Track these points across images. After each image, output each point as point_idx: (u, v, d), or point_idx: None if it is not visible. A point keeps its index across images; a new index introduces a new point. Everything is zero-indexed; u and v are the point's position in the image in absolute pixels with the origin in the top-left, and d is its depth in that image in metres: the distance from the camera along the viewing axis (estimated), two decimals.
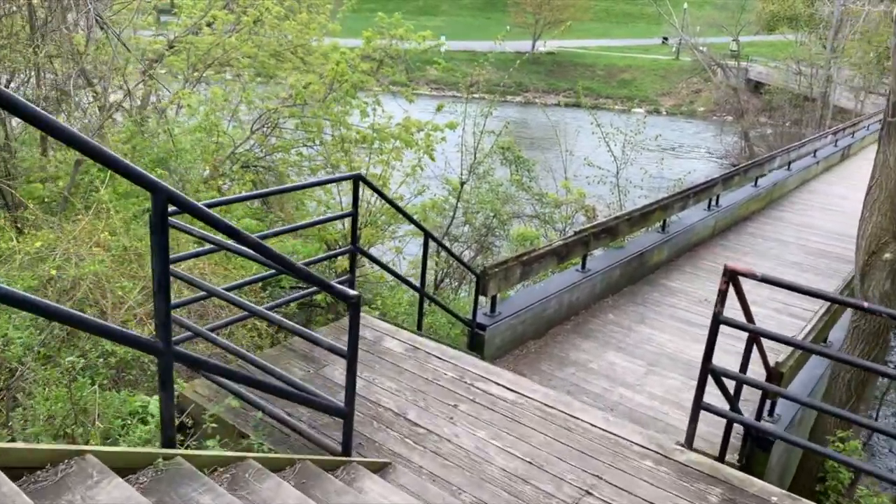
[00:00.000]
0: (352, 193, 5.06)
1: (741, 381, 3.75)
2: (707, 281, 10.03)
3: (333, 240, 7.54)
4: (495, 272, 6.99)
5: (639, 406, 6.70)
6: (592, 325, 8.38)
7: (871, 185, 5.47)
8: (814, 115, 35.38)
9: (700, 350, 8.22)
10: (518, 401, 4.38)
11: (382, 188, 8.67)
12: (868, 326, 5.51)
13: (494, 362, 7.23)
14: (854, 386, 5.75)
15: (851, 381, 5.74)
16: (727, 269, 3.61)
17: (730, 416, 3.91)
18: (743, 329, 3.85)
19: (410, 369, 4.65)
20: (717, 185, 11.83)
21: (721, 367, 3.92)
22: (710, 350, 3.79)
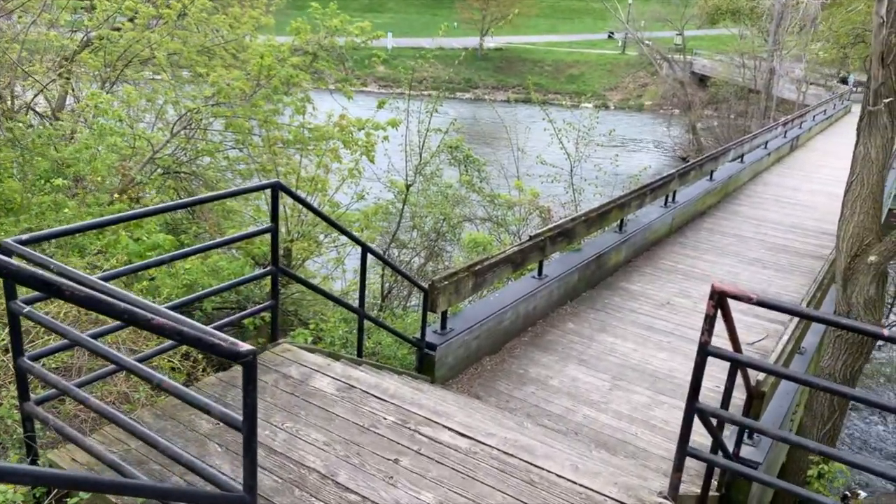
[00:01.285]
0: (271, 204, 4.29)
1: (731, 421, 3.14)
2: (667, 282, 9.57)
3: (263, 255, 6.73)
4: (444, 286, 6.30)
5: (605, 427, 6.12)
6: (551, 336, 7.78)
7: (850, 181, 4.98)
8: (759, 107, 35.85)
9: (665, 360, 7.78)
10: (472, 449, 3.69)
11: (319, 194, 7.91)
12: (852, 336, 5.03)
13: (447, 384, 6.56)
14: (837, 401, 5.27)
15: (834, 396, 5.26)
16: (715, 290, 3.00)
17: (714, 461, 3.31)
18: (734, 361, 3.24)
19: (343, 415, 3.91)
20: (673, 181, 11.40)
21: (708, 406, 3.31)
22: (696, 386, 3.17)
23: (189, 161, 8.72)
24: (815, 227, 12.75)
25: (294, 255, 6.27)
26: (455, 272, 6.53)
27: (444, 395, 5.37)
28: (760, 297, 2.98)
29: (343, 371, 4.36)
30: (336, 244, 8.48)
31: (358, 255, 5.20)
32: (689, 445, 3.25)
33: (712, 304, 3.07)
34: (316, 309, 7.08)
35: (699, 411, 3.18)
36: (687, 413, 3.20)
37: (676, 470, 3.28)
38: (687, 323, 8.31)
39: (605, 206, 9.20)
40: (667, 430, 6.12)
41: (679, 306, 8.79)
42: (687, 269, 10.15)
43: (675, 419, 6.29)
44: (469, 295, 6.87)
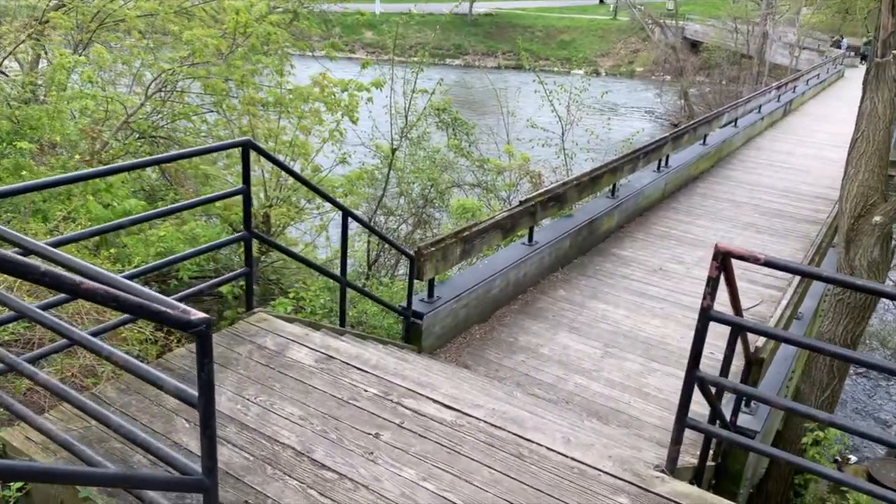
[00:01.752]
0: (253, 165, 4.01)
1: (734, 391, 2.93)
2: (660, 248, 9.36)
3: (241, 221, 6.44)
4: (431, 252, 6.06)
5: (597, 396, 5.94)
6: (542, 304, 7.57)
7: (855, 138, 4.73)
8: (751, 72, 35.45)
9: (658, 326, 7.60)
10: (458, 422, 3.48)
11: (301, 158, 7.59)
12: (853, 300, 4.84)
13: (435, 354, 6.36)
14: (836, 366, 5.10)
15: (833, 361, 5.09)
16: (719, 250, 2.77)
17: (715, 433, 3.10)
18: (737, 327, 3.02)
19: (322, 387, 3.68)
20: (666, 145, 11.13)
21: (709, 375, 3.09)
22: (696, 354, 2.96)
23: (166, 125, 8.37)
24: (809, 192, 12.55)
25: (274, 222, 5.99)
26: (442, 238, 6.28)
27: (430, 365, 5.16)
28: (769, 257, 2.75)
29: (322, 341, 4.12)
30: (320, 210, 8.19)
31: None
32: (689, 416, 3.04)
33: (716, 266, 2.84)
34: (299, 278, 6.83)
35: (700, 380, 2.97)
36: (687, 382, 2.99)
37: (675, 442, 3.08)
38: (680, 289, 8.12)
39: (597, 171, 8.94)
40: (660, 398, 5.96)
41: (672, 272, 8.59)
42: (680, 234, 9.94)
43: (668, 387, 6.12)
44: (457, 262, 6.63)
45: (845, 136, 17.55)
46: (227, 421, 3.36)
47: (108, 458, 3.06)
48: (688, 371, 2.99)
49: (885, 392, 11.86)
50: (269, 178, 5.99)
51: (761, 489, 5.82)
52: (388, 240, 5.59)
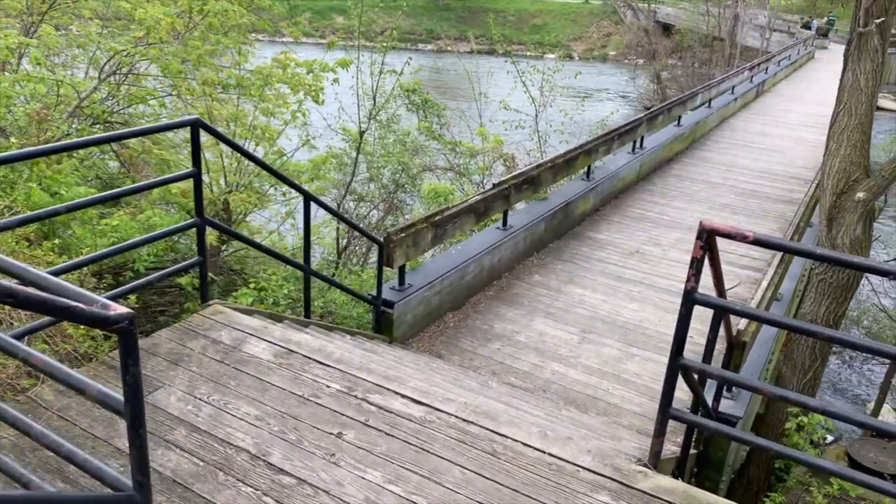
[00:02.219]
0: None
1: (721, 379, 2.74)
2: (636, 231, 9.21)
3: None
4: (401, 238, 5.80)
5: (574, 383, 5.76)
6: (517, 290, 7.37)
7: (836, 111, 4.57)
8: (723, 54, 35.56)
9: (635, 310, 7.43)
10: (427, 418, 3.25)
11: (266, 143, 7.26)
12: (836, 279, 4.70)
13: (407, 344, 6.12)
14: (819, 348, 4.97)
15: (816, 343, 4.96)
16: (704, 228, 2.56)
17: (701, 423, 2.91)
18: (722, 310, 2.82)
19: (280, 384, 3.43)
20: (641, 126, 10.96)
21: (695, 362, 2.90)
22: (680, 340, 2.76)
23: (121, 110, 7.96)
24: (783, 172, 12.51)
25: (234, 209, 5.69)
26: (412, 223, 6.03)
27: (401, 356, 4.92)
28: (758, 235, 2.55)
29: (283, 334, 3.86)
30: (286, 197, 7.88)
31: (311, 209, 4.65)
32: (672, 407, 2.85)
33: (700, 245, 2.63)
34: (264, 268, 6.53)
35: (684, 368, 2.77)
36: (670, 371, 2.79)
37: (658, 434, 2.88)
38: (657, 271, 7.98)
39: (572, 152, 8.73)
40: (639, 384, 5.80)
41: (649, 255, 8.44)
42: (656, 216, 9.80)
43: (647, 372, 5.97)
44: (429, 248, 6.39)
45: (818, 117, 17.70)
46: (176, 423, 3.10)
47: (43, 469, 2.79)
48: (671, 359, 2.79)
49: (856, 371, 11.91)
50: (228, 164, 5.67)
51: (742, 474, 5.71)
52: (355, 225, 5.32)
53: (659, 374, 6.08)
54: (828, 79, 25.90)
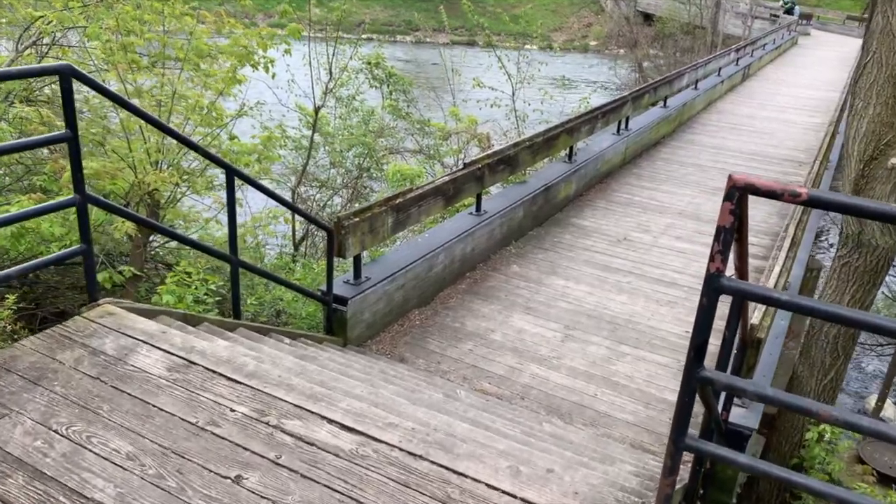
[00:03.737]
0: (63, 99, 2.87)
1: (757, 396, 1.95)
2: (623, 216, 8.46)
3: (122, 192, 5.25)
4: (355, 224, 4.98)
5: (557, 389, 4.99)
6: (493, 282, 6.58)
7: (864, 62, 3.82)
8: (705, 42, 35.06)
9: (624, 303, 6.63)
10: (361, 451, 2.44)
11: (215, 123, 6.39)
12: (863, 263, 3.97)
13: (365, 346, 5.31)
14: (841, 345, 4.24)
15: (839, 337, 4.23)
16: (736, 183, 1.78)
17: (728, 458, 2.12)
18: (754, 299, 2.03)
19: (170, 408, 2.60)
20: (626, 105, 10.21)
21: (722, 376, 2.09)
22: (700, 346, 1.97)
23: (44, 86, 7.05)
24: (775, 154, 11.84)
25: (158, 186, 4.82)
26: (368, 206, 5.21)
27: (349, 362, 4.11)
28: (812, 192, 1.77)
29: (185, 341, 3.03)
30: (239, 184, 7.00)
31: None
32: (688, 435, 2.06)
33: (730, 209, 1.85)
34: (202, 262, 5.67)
35: (706, 382, 1.98)
36: (686, 386, 2.01)
37: (669, 473, 2.09)
38: (647, 260, 7.23)
39: (552, 131, 7.95)
40: (631, 388, 5.04)
41: (637, 242, 7.69)
42: (644, 201, 9.06)
43: (639, 374, 5.22)
44: (389, 235, 5.57)
45: (806, 100, 17.08)
46: (14, 467, 2.27)
47: None
48: (688, 370, 2.00)
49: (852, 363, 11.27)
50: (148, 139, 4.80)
51: (751, 489, 4.98)
52: (296, 208, 4.48)
53: (654, 376, 5.34)
54: (812, 64, 25.43)
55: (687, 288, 6.65)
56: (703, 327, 1.99)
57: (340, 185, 8.01)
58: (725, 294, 1.93)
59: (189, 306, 4.09)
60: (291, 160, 7.88)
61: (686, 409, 2.07)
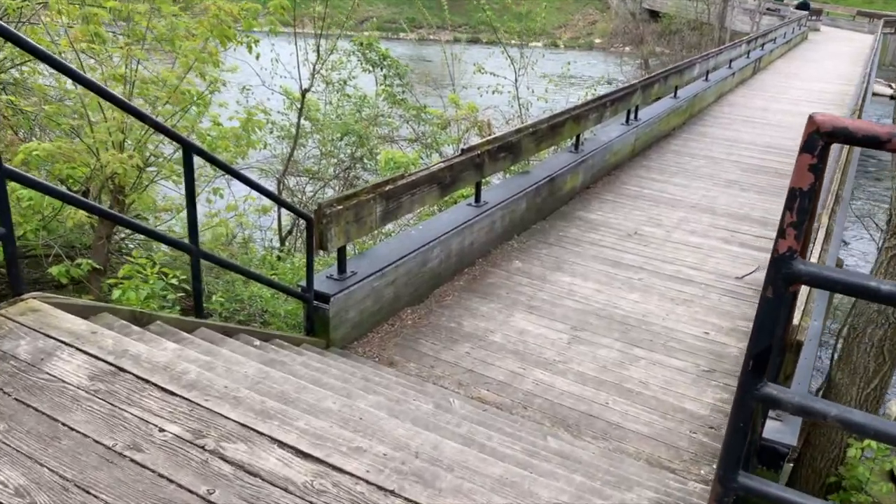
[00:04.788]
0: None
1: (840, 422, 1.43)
2: (633, 210, 7.93)
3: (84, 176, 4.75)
4: (338, 212, 4.47)
5: (563, 396, 4.47)
6: (493, 279, 6.07)
7: None
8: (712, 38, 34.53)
9: (637, 301, 6.08)
10: (317, 485, 1.93)
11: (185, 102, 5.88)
12: None
13: (350, 348, 4.80)
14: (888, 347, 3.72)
15: (885, 340, 3.71)
16: (817, 126, 1.26)
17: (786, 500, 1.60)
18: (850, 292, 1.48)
19: (84, 427, 2.09)
20: (636, 93, 9.68)
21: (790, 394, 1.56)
22: (762, 355, 1.45)
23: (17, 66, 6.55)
24: (791, 147, 11.28)
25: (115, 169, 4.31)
26: (354, 193, 4.70)
27: (323, 368, 3.59)
28: None
29: (117, 344, 2.52)
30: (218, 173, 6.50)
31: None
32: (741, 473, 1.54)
33: (810, 163, 1.33)
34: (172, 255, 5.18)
35: (768, 402, 1.47)
36: (741, 408, 1.49)
37: None
38: (660, 255, 6.70)
39: (558, 117, 7.43)
40: (646, 396, 4.52)
41: (649, 236, 7.16)
42: (655, 193, 8.53)
43: (655, 380, 4.69)
44: (378, 226, 5.06)
45: (819, 93, 16.53)
46: None
47: None
48: (744, 387, 1.48)
49: None
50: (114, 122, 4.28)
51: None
52: (267, 192, 3.97)
53: (671, 382, 4.82)
54: (824, 58, 24.84)
55: (704, 285, 6.13)
56: (766, 329, 1.46)
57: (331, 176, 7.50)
58: (801, 282, 1.40)
59: (142, 302, 3.58)
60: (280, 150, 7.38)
61: (739, 437, 1.55)
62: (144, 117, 3.07)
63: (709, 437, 4.17)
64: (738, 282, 6.26)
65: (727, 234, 7.36)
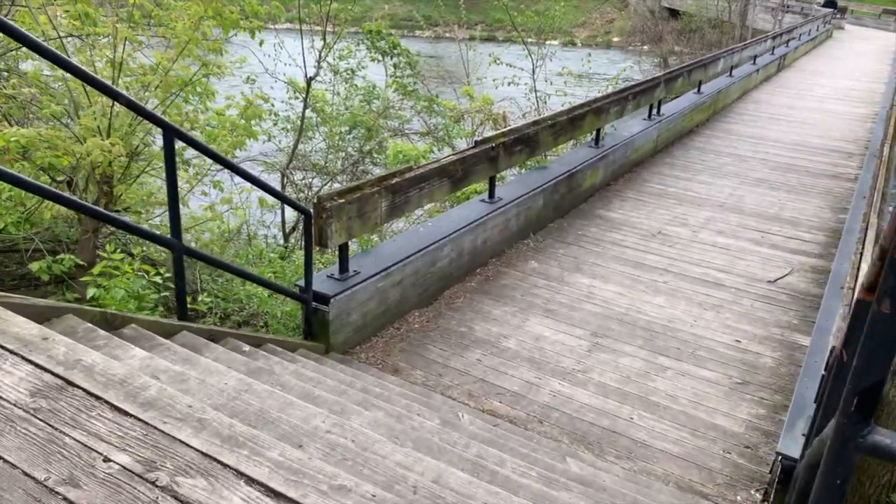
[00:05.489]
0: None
1: None
2: (657, 208, 7.51)
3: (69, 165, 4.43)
4: (339, 206, 4.12)
5: (584, 410, 4.08)
6: (507, 280, 5.68)
7: None
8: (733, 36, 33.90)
9: (662, 306, 5.57)
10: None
11: (198, 100, 5.57)
12: None
13: (351, 353, 4.45)
14: None
15: None
16: None
17: None
18: None
19: (13, 455, 1.75)
20: (659, 87, 9.25)
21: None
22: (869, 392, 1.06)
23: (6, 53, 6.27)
24: (821, 145, 10.80)
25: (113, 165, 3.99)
26: (357, 186, 4.34)
27: (320, 378, 3.23)
28: None
29: (70, 353, 2.17)
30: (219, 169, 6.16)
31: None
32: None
33: None
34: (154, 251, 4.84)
35: (881, 454, 1.09)
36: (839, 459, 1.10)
37: None
38: (686, 257, 6.29)
39: (577, 110, 7.03)
40: (675, 411, 4.12)
41: (674, 236, 6.75)
42: (679, 192, 8.10)
43: (684, 392, 4.29)
44: (384, 221, 4.69)
45: (847, 91, 15.95)
46: None
47: None
48: (843, 433, 1.10)
49: None
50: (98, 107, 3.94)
51: None
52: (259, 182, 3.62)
53: (701, 396, 4.41)
54: (849, 56, 24.19)
55: (734, 289, 5.71)
56: (879, 356, 1.08)
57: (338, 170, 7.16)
58: None
59: (118, 303, 3.24)
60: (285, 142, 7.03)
61: (834, 497, 1.16)
62: (116, 94, 2.72)
63: (744, 457, 3.77)
64: (770, 286, 5.83)
65: (757, 234, 6.92)
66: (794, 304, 5.53)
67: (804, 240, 6.85)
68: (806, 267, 6.23)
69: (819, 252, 6.57)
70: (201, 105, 5.83)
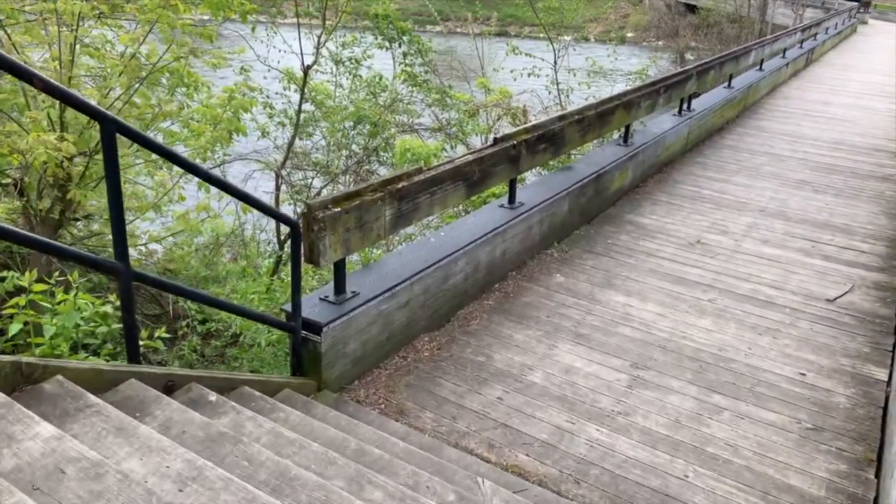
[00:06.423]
0: None
1: None
2: (693, 213, 6.77)
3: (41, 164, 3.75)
4: (334, 216, 3.42)
5: (627, 466, 3.36)
6: (530, 297, 4.97)
7: None
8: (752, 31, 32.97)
9: (710, 329, 4.37)
10: None
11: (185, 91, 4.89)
12: None
13: (347, 390, 3.75)
14: None
15: None
16: None
17: None
18: None
19: None
20: (691, 80, 8.50)
21: None
22: None
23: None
24: (864, 144, 10.01)
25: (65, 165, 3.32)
26: (356, 191, 3.64)
27: (303, 438, 2.53)
28: None
29: None
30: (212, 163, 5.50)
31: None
32: None
33: None
34: None
35: None
36: None
37: None
38: (731, 270, 5.55)
39: (606, 104, 6.30)
40: (737, 465, 3.40)
41: (715, 246, 6.01)
42: (715, 195, 7.35)
43: (745, 441, 3.56)
44: (388, 233, 3.98)
45: (882, 86, 15.08)
46: None
47: None
48: None
49: None
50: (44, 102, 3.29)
51: None
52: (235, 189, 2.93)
53: (767, 446, 3.62)
54: (878, 50, 23.25)
55: (789, 309, 4.97)
56: None
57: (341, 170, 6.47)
58: None
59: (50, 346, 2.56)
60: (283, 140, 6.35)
61: None
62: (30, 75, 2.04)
63: None
64: (830, 305, 5.09)
65: (807, 244, 6.17)
66: (862, 328, 4.79)
67: (861, 250, 6.10)
68: (868, 282, 5.48)
69: (880, 265, 5.82)
70: (186, 97, 5.16)
